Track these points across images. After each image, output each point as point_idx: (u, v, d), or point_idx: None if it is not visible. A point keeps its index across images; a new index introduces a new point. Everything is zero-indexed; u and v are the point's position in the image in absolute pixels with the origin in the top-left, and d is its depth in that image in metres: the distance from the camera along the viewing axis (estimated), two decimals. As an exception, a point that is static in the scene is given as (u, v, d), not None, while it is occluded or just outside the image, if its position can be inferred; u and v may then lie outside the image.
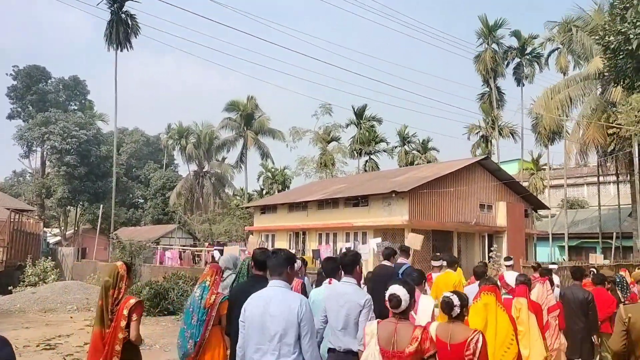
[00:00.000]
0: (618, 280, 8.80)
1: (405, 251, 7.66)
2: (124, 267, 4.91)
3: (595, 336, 7.21)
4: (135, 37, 35.14)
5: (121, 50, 34.50)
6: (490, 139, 34.99)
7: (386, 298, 3.69)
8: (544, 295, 6.88)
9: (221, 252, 24.17)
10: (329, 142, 43.39)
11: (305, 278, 6.81)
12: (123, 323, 4.61)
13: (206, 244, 31.16)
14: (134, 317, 4.65)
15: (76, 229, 46.80)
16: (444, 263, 8.48)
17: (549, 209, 30.24)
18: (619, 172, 28.24)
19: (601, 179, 48.23)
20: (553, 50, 32.50)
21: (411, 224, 21.72)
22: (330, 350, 4.63)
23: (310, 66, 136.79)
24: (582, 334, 7.06)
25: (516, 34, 35.12)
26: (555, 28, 30.21)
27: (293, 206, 27.89)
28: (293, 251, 26.59)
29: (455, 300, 4.00)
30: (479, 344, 3.82)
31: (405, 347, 3.48)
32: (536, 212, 28.95)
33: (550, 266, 11.40)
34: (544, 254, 31.60)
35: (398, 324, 3.59)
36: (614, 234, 28.23)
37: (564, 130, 31.07)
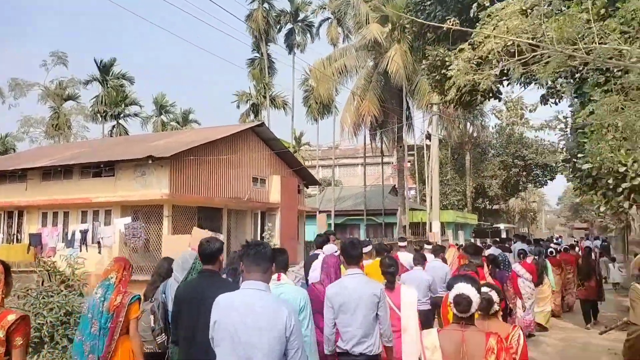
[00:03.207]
0: (501, 258, 8.49)
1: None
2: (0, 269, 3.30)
3: None
4: None
5: None
6: (261, 109, 32.21)
7: (450, 300, 3.06)
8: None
9: None
10: (65, 100, 34.83)
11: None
12: (1, 350, 3.22)
13: None
14: (18, 340, 3.22)
15: None
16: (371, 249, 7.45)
17: (321, 184, 28.91)
18: (384, 148, 28.31)
19: (357, 160, 50.62)
20: (324, 20, 31.17)
21: (173, 199, 17.14)
22: (340, 355, 4.08)
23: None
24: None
25: (289, -4, 32.75)
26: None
27: (6, 176, 20.26)
28: (3, 236, 19.53)
29: (495, 297, 3.59)
30: (521, 340, 3.50)
31: None
32: (307, 188, 27.12)
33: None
34: (311, 232, 30.40)
35: (465, 332, 2.95)
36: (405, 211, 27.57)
37: (334, 104, 30.07)
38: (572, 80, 10.24)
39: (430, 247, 8.72)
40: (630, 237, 36.25)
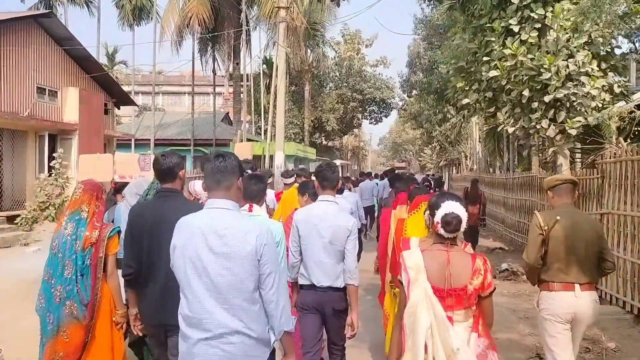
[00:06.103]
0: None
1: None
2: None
3: None
4: None
5: None
6: (55, 4, 24.80)
7: (436, 220, 2.67)
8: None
9: None
10: None
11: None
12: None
13: None
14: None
15: None
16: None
17: (137, 105, 23.53)
18: (217, 68, 23.91)
19: (183, 88, 44.99)
20: None
21: None
22: (303, 287, 3.75)
23: None
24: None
25: None
26: None
27: None
28: None
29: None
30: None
31: (465, 282, 2.59)
32: (119, 108, 21.74)
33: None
34: (124, 164, 25.15)
35: (451, 252, 2.65)
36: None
37: (154, 8, 24.49)
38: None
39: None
40: (454, 175, 37.60)
